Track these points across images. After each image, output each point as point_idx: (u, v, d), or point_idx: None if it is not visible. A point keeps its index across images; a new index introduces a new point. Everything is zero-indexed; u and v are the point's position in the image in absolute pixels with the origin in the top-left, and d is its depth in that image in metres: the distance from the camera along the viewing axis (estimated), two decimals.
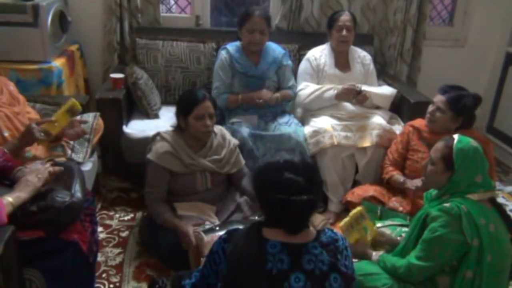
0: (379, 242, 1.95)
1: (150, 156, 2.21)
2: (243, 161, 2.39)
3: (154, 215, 2.17)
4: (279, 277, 1.23)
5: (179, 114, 2.24)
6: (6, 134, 1.87)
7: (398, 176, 2.38)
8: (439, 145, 1.76)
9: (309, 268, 1.25)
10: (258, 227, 1.32)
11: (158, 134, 2.29)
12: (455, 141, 1.71)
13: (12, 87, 2.07)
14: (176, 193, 2.25)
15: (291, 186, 1.24)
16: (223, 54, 2.77)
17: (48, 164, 1.62)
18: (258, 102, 2.66)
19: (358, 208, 1.97)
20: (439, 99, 2.26)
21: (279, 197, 1.23)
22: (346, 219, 1.93)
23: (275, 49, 2.84)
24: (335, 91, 2.72)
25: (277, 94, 2.77)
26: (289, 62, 2.89)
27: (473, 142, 1.72)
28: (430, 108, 2.31)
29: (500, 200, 2.97)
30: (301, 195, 1.23)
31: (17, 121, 1.94)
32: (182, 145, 2.23)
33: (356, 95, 2.73)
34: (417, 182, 2.21)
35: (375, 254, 1.85)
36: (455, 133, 1.87)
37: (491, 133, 3.74)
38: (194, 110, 2.16)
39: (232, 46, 2.78)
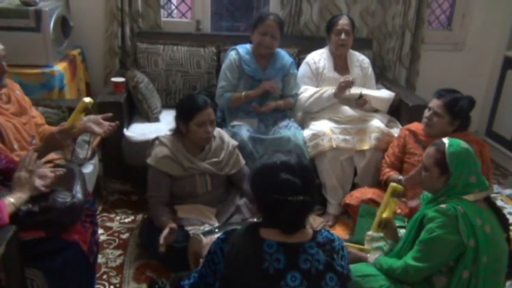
0: (388, 227, 1.95)
1: (149, 161, 2.23)
2: (243, 161, 2.40)
3: (153, 218, 2.20)
4: (276, 276, 1.25)
5: (180, 120, 2.24)
6: (16, 146, 1.86)
7: (394, 176, 2.40)
8: (430, 150, 1.76)
9: (305, 268, 1.26)
10: (255, 227, 1.34)
11: (157, 138, 2.31)
12: (447, 145, 1.71)
13: (18, 91, 2.06)
14: (177, 196, 2.27)
15: (288, 186, 1.26)
16: (232, 54, 2.79)
17: (48, 166, 1.64)
18: (261, 110, 2.70)
19: (398, 186, 1.98)
20: (435, 103, 2.27)
21: (276, 198, 1.25)
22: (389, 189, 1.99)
23: (284, 56, 2.87)
24: (333, 90, 2.74)
25: (280, 102, 2.80)
26: (295, 71, 2.92)
27: (463, 144, 1.73)
28: (427, 113, 2.32)
29: (499, 203, 2.97)
30: (297, 195, 1.25)
31: (24, 131, 1.94)
32: (181, 149, 2.25)
33: (357, 99, 2.76)
34: (413, 203, 2.26)
35: (371, 256, 1.87)
36: (451, 136, 1.88)
37: (490, 136, 3.76)
38: (196, 117, 2.17)
39: (243, 48, 2.80)
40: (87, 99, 2.02)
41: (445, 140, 1.74)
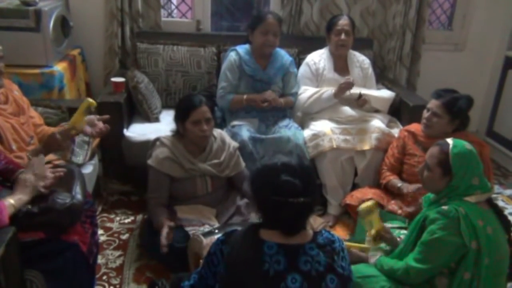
0: (384, 238, 1.93)
1: (150, 162, 2.23)
2: (243, 164, 2.40)
3: (152, 218, 2.19)
4: (276, 278, 1.24)
5: (177, 120, 2.26)
6: (14, 147, 1.84)
7: (395, 181, 2.39)
8: (434, 150, 1.75)
9: (305, 269, 1.26)
10: (255, 229, 1.33)
11: (158, 139, 2.31)
12: (451, 146, 1.71)
13: (16, 91, 2.05)
14: (177, 197, 2.27)
15: (288, 188, 1.25)
16: (232, 55, 2.78)
17: (47, 167, 1.64)
18: (263, 105, 2.68)
19: (368, 204, 1.97)
20: (434, 104, 2.27)
21: (276, 199, 1.25)
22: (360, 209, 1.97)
23: (284, 55, 2.86)
24: (333, 91, 2.74)
25: (281, 100, 2.79)
26: (295, 69, 2.91)
27: (467, 145, 1.72)
28: (426, 114, 2.31)
29: (500, 203, 2.97)
30: (298, 197, 1.25)
31: (22, 131, 1.92)
32: (182, 150, 2.25)
33: (357, 99, 2.76)
34: (413, 187, 2.23)
35: (372, 257, 1.86)
36: (451, 136, 1.87)
37: (491, 136, 3.76)
38: (191, 115, 2.18)
39: (242, 49, 2.79)
40: (91, 100, 2.03)
41: (450, 141, 1.73)
